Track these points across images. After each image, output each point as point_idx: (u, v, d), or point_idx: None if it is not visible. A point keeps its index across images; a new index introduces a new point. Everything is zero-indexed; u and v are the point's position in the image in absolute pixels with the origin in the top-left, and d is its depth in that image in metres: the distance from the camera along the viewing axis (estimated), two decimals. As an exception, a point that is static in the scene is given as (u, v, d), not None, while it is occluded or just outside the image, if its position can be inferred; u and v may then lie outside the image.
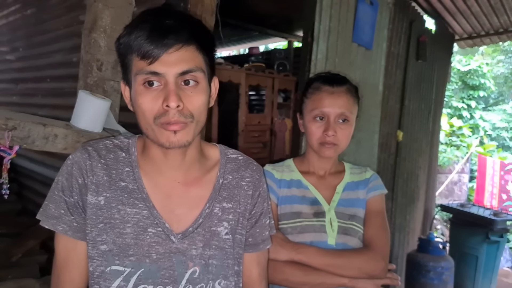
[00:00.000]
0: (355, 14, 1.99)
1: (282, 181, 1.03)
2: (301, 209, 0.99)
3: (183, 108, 0.62)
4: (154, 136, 0.64)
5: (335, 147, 0.98)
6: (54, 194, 0.68)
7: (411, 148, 3.11)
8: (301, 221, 0.98)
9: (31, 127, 0.95)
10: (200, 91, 0.65)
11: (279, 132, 3.69)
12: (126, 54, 0.64)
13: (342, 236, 0.97)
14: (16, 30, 3.38)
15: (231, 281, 0.72)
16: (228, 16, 3.78)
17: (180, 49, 0.61)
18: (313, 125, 0.99)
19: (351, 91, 1.01)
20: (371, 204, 1.04)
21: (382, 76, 2.36)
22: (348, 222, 0.99)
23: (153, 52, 0.60)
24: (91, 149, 0.69)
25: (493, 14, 3.17)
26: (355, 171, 1.09)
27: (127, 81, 0.67)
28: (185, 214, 0.70)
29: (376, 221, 1.01)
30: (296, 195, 1.02)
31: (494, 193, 5.08)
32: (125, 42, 0.63)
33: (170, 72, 0.61)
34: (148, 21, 0.61)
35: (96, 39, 1.16)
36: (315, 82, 1.03)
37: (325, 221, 0.98)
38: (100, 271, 0.66)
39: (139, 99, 0.63)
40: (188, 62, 0.62)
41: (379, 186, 1.06)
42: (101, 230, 0.66)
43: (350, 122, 0.99)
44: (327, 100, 0.98)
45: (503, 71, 10.19)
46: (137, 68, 0.62)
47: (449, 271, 2.73)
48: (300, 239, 0.96)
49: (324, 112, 0.98)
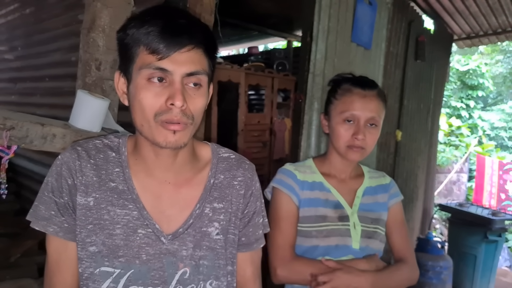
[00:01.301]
0: (354, 14, 1.99)
1: (304, 183, 1.02)
2: (326, 213, 1.00)
3: (186, 109, 0.62)
4: (151, 133, 0.63)
5: (362, 151, 0.98)
6: (44, 195, 0.67)
7: (410, 147, 3.11)
8: (327, 225, 0.98)
9: (29, 127, 0.94)
10: (202, 94, 0.65)
11: (279, 132, 3.69)
12: (132, 46, 0.62)
13: (365, 240, 0.99)
14: (15, 29, 3.37)
15: (222, 281, 0.72)
16: (228, 16, 3.78)
17: (192, 50, 0.61)
18: (341, 128, 0.98)
19: (381, 95, 1.01)
20: (394, 212, 1.07)
21: (381, 76, 2.36)
22: (371, 225, 1.01)
23: (165, 48, 0.59)
24: (80, 149, 0.68)
25: (492, 14, 3.18)
26: (373, 175, 1.10)
27: (125, 73, 0.65)
28: (176, 215, 0.70)
29: (402, 232, 1.06)
30: (320, 198, 1.01)
31: (493, 193, 5.10)
32: (134, 34, 0.61)
33: (179, 71, 0.61)
34: (161, 17, 0.61)
35: (94, 38, 1.16)
36: (345, 83, 1.02)
37: (349, 225, 0.99)
38: (89, 272, 0.65)
39: (141, 93, 0.61)
40: (196, 64, 0.62)
41: (398, 192, 1.10)
42: (91, 231, 0.65)
43: (378, 126, 0.99)
44: (359, 103, 0.97)
45: (501, 71, 10.21)
46: (143, 61, 0.61)
47: (448, 271, 2.74)
48: (325, 243, 0.97)
49: (354, 115, 0.97)
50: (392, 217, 1.06)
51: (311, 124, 1.86)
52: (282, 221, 0.98)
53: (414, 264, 1.03)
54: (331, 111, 1.02)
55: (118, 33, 0.65)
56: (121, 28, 0.64)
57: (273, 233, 0.97)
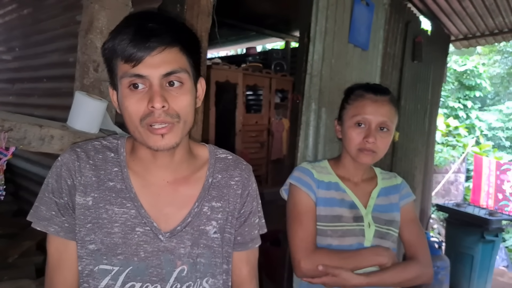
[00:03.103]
0: (351, 15, 2.00)
1: (321, 182, 1.04)
2: (341, 213, 1.01)
3: (168, 108, 0.63)
4: (142, 138, 0.65)
5: (373, 154, 0.99)
6: (44, 196, 0.69)
7: (408, 148, 3.12)
8: (343, 225, 1.00)
9: (27, 128, 0.95)
10: (185, 92, 0.65)
11: (276, 132, 3.70)
12: (112, 58, 0.65)
13: (377, 240, 1.01)
14: (13, 30, 3.37)
15: (218, 280, 0.73)
16: (226, 16, 3.79)
17: (163, 51, 0.62)
18: (353, 131, 1.00)
19: (393, 101, 1.03)
20: (406, 211, 1.08)
21: (378, 77, 2.37)
22: (384, 226, 1.03)
23: (136, 55, 0.61)
24: (79, 150, 0.70)
25: (488, 15, 3.19)
26: (385, 176, 1.13)
27: (114, 85, 0.68)
28: (174, 213, 0.71)
29: (414, 230, 1.07)
30: (335, 197, 1.03)
31: (490, 193, 5.12)
32: (110, 46, 0.64)
33: (154, 74, 0.62)
34: (132, 24, 0.62)
35: (92, 40, 1.16)
36: (358, 89, 1.04)
37: (363, 225, 1.01)
38: (89, 270, 0.67)
39: (125, 102, 0.64)
40: (171, 64, 0.63)
41: (410, 193, 1.12)
42: (89, 230, 0.67)
43: (390, 131, 1.01)
44: (370, 107, 0.99)
45: (499, 72, 10.25)
46: (122, 71, 0.63)
47: (445, 271, 2.75)
48: (339, 242, 0.99)
49: (366, 119, 0.99)
50: (404, 216, 1.08)
51: (309, 124, 1.87)
52: (303, 216, 1.00)
53: (427, 262, 1.02)
54: (343, 116, 1.05)
55: (101, 48, 0.67)
56: (103, 44, 0.66)
57: (293, 227, 0.99)
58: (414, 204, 1.12)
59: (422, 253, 1.03)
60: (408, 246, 1.06)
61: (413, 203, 1.11)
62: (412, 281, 0.99)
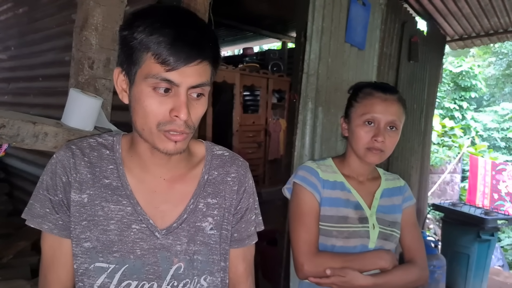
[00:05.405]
0: (347, 15, 2.01)
1: (326, 182, 1.03)
2: (347, 214, 1.01)
3: (188, 120, 0.62)
4: (151, 139, 0.64)
5: (381, 153, 0.99)
6: (39, 193, 0.68)
7: (404, 147, 3.13)
8: (349, 227, 1.00)
9: (21, 125, 0.93)
10: (203, 103, 0.65)
11: (274, 133, 3.70)
12: (139, 50, 0.60)
13: (380, 241, 1.01)
14: (8, 29, 3.34)
15: (217, 277, 0.73)
16: (223, 17, 3.79)
17: (200, 63, 0.61)
18: (361, 130, 0.99)
19: (401, 101, 1.02)
20: (407, 214, 1.09)
21: (375, 76, 2.38)
22: (388, 228, 1.03)
23: (174, 61, 0.59)
24: (74, 148, 0.69)
25: (484, 16, 3.21)
26: (388, 177, 1.13)
27: (128, 73, 0.64)
28: (170, 210, 0.70)
29: (414, 233, 1.08)
30: (341, 198, 1.02)
31: (486, 193, 5.15)
32: (143, 39, 0.59)
33: (185, 84, 0.61)
34: (170, 26, 0.59)
35: (87, 37, 1.15)
36: (366, 88, 1.03)
37: (368, 226, 1.01)
38: (84, 268, 0.66)
39: (145, 100, 0.61)
40: (201, 76, 0.62)
41: (411, 196, 1.12)
42: (85, 227, 0.66)
43: (398, 130, 1.00)
44: (380, 106, 0.98)
45: (494, 73, 10.34)
46: (150, 70, 0.60)
47: (441, 270, 2.76)
48: (343, 243, 0.99)
49: (375, 118, 0.98)
50: (404, 219, 1.08)
51: (305, 123, 1.87)
52: (307, 217, 0.99)
53: (425, 265, 1.05)
54: (351, 114, 1.04)
55: (122, 31, 0.63)
56: (126, 27, 0.62)
57: (297, 228, 0.98)
58: (414, 207, 1.12)
59: (421, 257, 1.05)
60: (407, 249, 1.07)
61: (414, 206, 1.12)
62: (412, 284, 1.00)
